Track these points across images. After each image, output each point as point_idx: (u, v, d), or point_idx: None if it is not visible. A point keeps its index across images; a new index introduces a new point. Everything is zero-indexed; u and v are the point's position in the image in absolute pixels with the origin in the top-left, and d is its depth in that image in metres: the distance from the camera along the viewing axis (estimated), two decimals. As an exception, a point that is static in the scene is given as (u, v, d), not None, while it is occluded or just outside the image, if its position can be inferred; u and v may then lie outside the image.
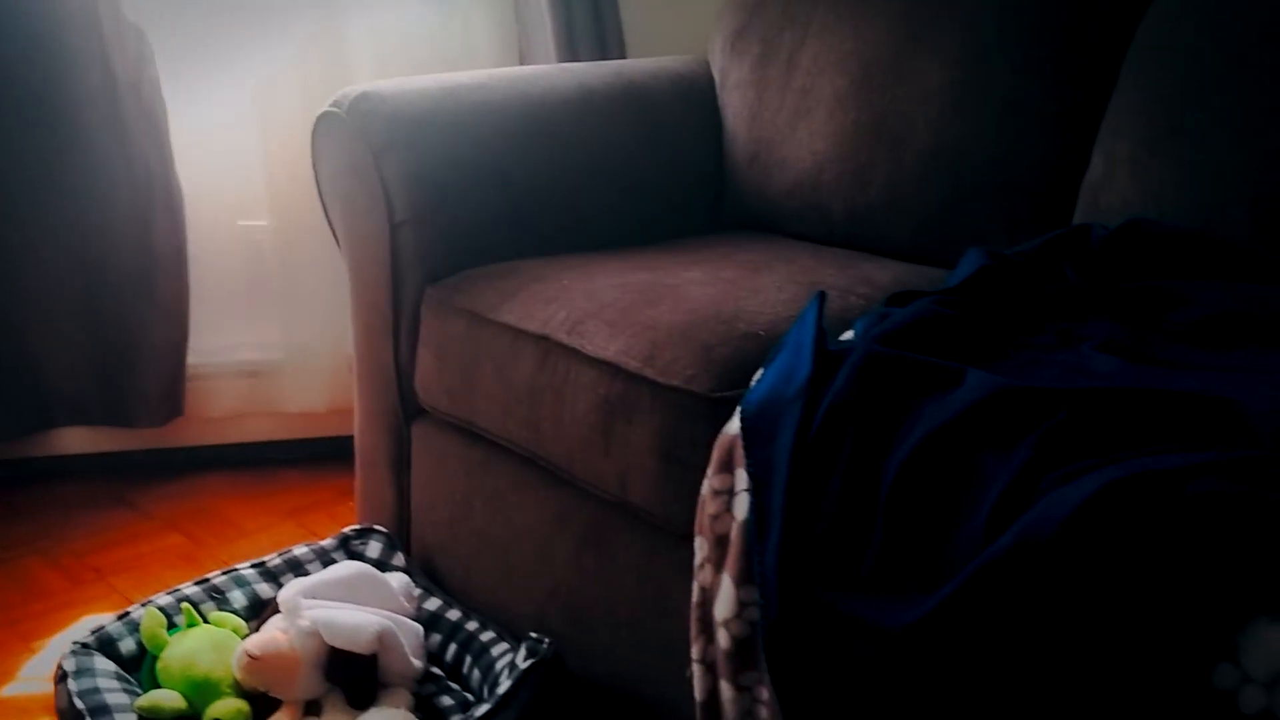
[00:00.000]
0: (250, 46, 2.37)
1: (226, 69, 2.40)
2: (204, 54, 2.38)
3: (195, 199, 2.41)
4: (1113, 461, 1.05)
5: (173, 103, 2.33)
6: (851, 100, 1.90)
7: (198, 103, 2.40)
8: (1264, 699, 0.92)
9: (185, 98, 2.38)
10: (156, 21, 2.29)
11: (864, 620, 1.13)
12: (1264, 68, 1.46)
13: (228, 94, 2.41)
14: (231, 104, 2.41)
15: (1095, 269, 1.50)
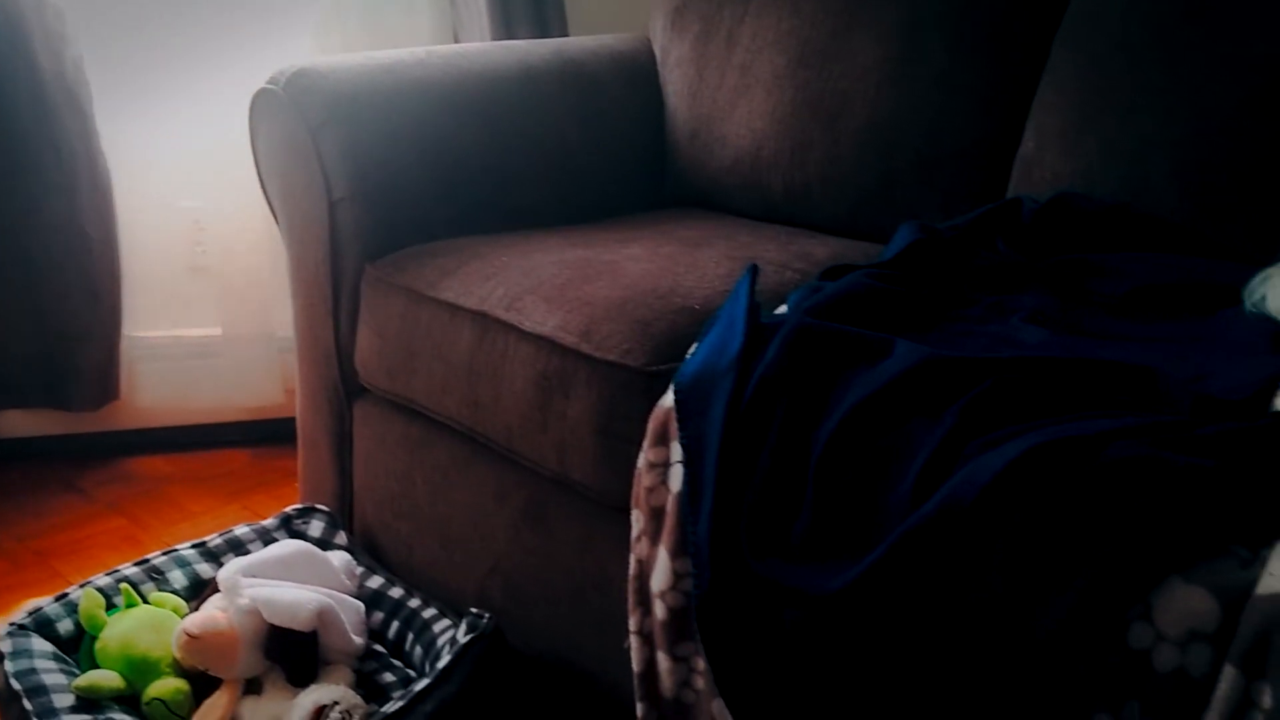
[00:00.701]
0: (183, 23, 2.35)
1: (158, 47, 2.37)
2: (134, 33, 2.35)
3: (129, 180, 2.38)
4: (1035, 428, 1.07)
5: (103, 83, 2.30)
6: (789, 78, 1.91)
7: (130, 83, 2.37)
8: (1177, 657, 0.94)
9: (115, 78, 2.34)
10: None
11: (793, 588, 1.14)
12: (1187, 44, 1.49)
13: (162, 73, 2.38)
14: (167, 83, 2.38)
15: (1026, 242, 1.52)
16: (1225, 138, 1.46)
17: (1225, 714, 0.92)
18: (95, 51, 2.29)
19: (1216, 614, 0.93)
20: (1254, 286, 1.32)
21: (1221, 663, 0.93)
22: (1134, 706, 0.96)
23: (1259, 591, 0.92)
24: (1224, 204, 1.46)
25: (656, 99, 2.15)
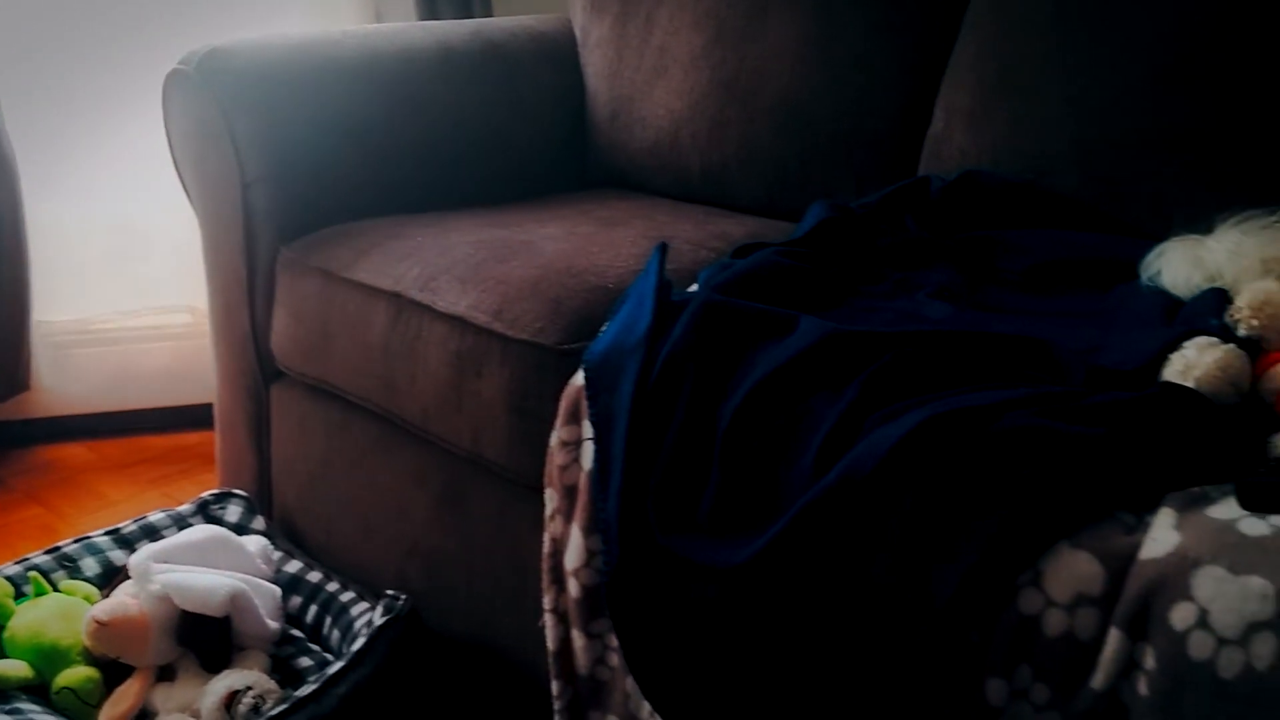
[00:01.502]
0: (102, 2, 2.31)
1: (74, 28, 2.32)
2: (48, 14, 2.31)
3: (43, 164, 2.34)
4: (932, 400, 1.09)
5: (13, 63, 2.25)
6: (706, 58, 1.92)
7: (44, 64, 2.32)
8: (1066, 621, 0.97)
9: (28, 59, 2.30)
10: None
11: (700, 562, 1.15)
12: (1089, 24, 1.51)
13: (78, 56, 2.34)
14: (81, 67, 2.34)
15: (934, 219, 1.54)
16: (1125, 115, 1.48)
17: (1111, 675, 0.95)
18: (5, 33, 2.24)
19: (1102, 578, 0.96)
20: (1150, 261, 1.35)
21: (1107, 625, 0.95)
22: (1025, 670, 0.98)
23: (1142, 556, 0.94)
24: (1124, 180, 1.48)
25: (577, 80, 2.14)
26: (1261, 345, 1.14)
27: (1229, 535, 0.92)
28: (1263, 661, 0.87)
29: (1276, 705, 0.86)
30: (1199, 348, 1.11)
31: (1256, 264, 1.28)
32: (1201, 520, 0.95)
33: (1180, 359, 1.11)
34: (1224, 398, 1.09)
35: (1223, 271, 1.28)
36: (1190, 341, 1.12)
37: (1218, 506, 0.96)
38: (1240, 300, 1.15)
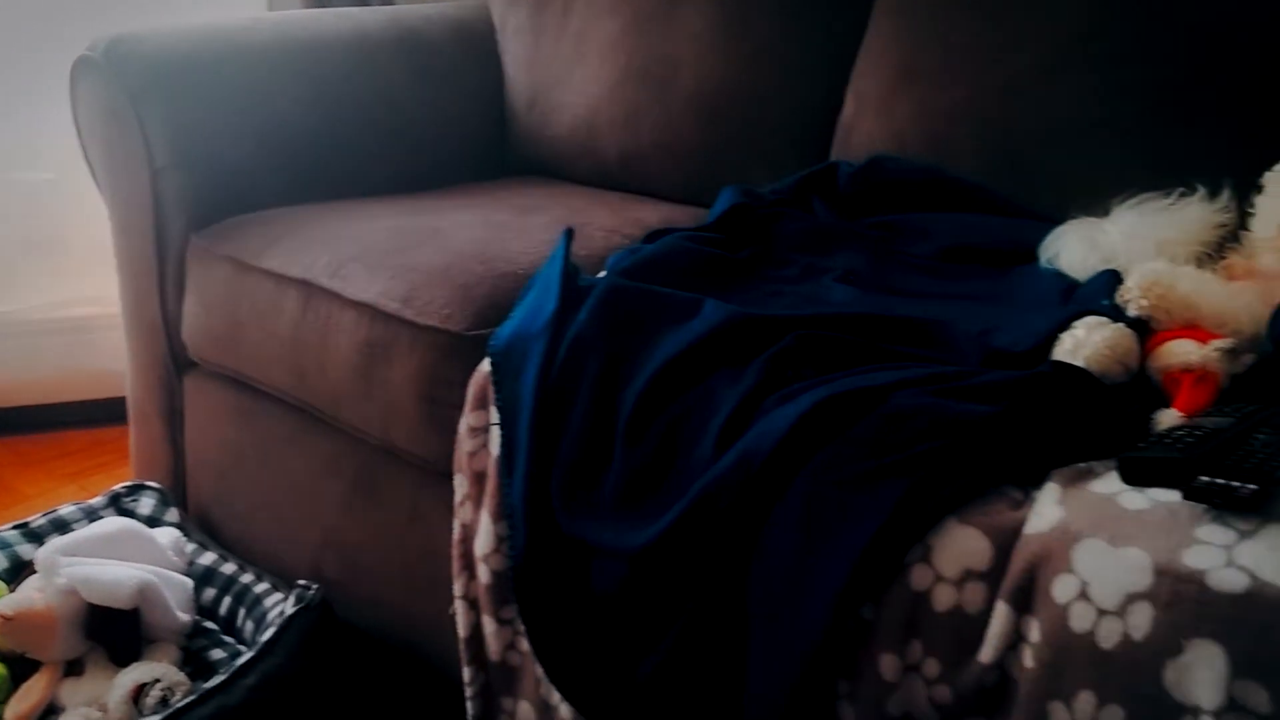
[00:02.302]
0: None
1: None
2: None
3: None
4: (827, 381, 1.10)
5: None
6: (622, 45, 1.92)
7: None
8: (954, 596, 0.98)
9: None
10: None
11: (603, 546, 1.16)
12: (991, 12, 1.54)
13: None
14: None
15: (842, 204, 1.55)
16: (1025, 101, 1.51)
17: (998, 648, 0.96)
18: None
19: (990, 553, 0.97)
20: (1049, 244, 1.37)
21: (994, 599, 0.97)
22: (916, 645, 1.00)
23: (1027, 531, 0.96)
24: (1026, 164, 1.51)
25: (496, 67, 2.14)
26: (1151, 325, 1.16)
27: (1109, 509, 0.94)
28: (1140, 631, 0.89)
29: (1153, 674, 0.88)
30: (1088, 327, 1.13)
31: (1151, 246, 1.30)
32: (1084, 495, 0.96)
33: (1070, 338, 1.13)
34: (1113, 376, 1.11)
35: (1118, 253, 1.31)
36: (1080, 321, 1.14)
37: (1101, 481, 0.98)
38: (1130, 281, 1.17)
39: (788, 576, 1.03)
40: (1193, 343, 1.11)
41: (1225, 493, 0.88)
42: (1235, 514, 0.89)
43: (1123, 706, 0.89)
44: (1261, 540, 0.87)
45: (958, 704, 0.98)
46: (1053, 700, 0.92)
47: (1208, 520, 0.90)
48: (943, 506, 0.99)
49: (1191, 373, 1.08)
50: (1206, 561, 0.87)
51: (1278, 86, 1.40)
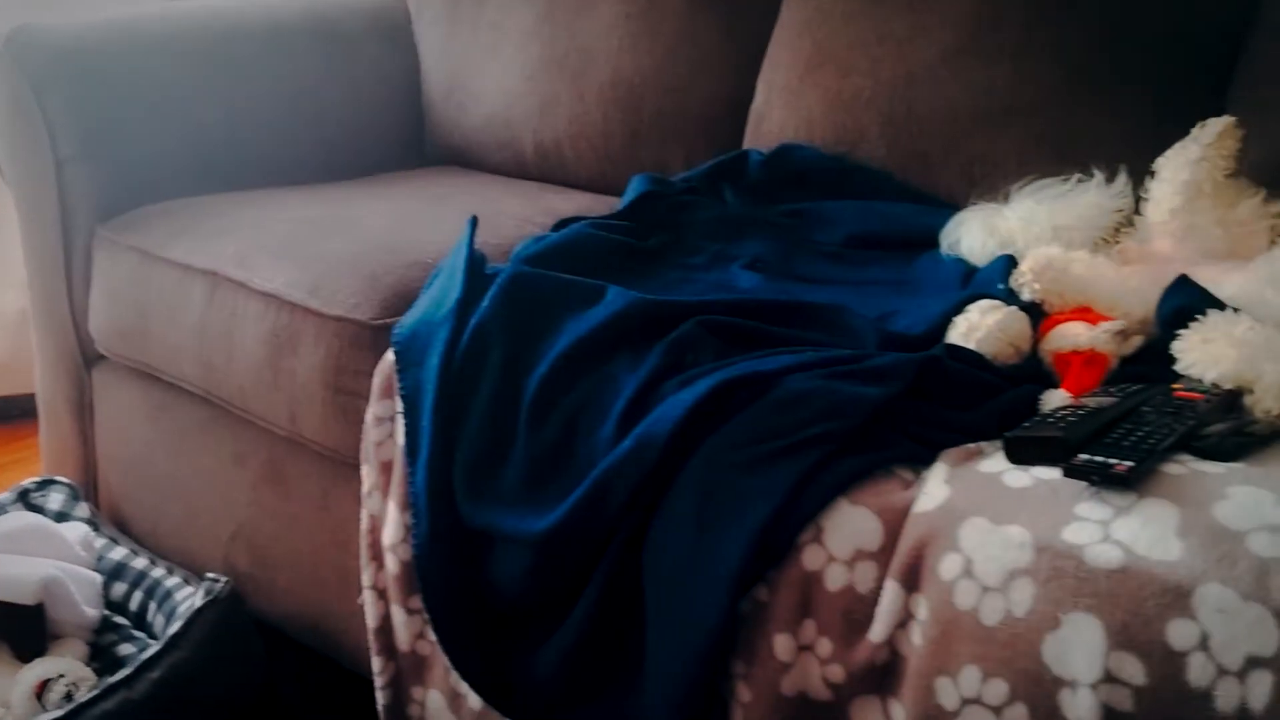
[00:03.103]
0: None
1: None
2: None
3: None
4: (724, 365, 1.11)
5: None
6: (537, 35, 1.92)
7: None
8: (845, 576, 0.99)
9: None
10: None
11: (505, 532, 1.16)
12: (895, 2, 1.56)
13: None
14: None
15: (752, 192, 1.57)
16: (928, 90, 1.53)
17: (889, 626, 0.98)
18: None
19: (880, 533, 0.99)
20: (950, 230, 1.39)
21: (884, 579, 0.98)
22: (810, 625, 1.01)
23: (916, 510, 0.98)
24: (931, 151, 1.53)
25: (412, 56, 2.12)
26: (1044, 308, 1.19)
27: (994, 488, 0.96)
28: (1021, 607, 0.90)
29: (1034, 648, 0.90)
30: (981, 311, 1.15)
31: (1048, 231, 1.33)
32: (970, 474, 0.98)
33: (964, 321, 1.15)
34: (1004, 358, 1.13)
35: (1015, 239, 1.33)
36: (974, 305, 1.16)
37: (988, 461, 1.00)
38: (1023, 265, 1.20)
39: (684, 560, 1.03)
40: (1083, 325, 1.14)
41: (1103, 470, 0.90)
42: (1113, 491, 0.91)
43: (1006, 681, 0.91)
44: (1137, 516, 0.89)
45: (850, 682, 1.00)
46: (940, 676, 0.94)
47: (1087, 497, 0.92)
48: (834, 488, 1.00)
49: (1081, 354, 1.11)
50: (1084, 537, 0.89)
51: (1173, 74, 1.43)
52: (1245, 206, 1.27)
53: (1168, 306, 1.14)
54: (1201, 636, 0.84)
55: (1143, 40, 1.43)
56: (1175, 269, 1.22)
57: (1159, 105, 1.41)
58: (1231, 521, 0.87)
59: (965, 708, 0.93)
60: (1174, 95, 1.41)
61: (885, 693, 0.99)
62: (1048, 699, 0.89)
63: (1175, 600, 0.85)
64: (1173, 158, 1.28)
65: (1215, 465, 0.94)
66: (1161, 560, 0.86)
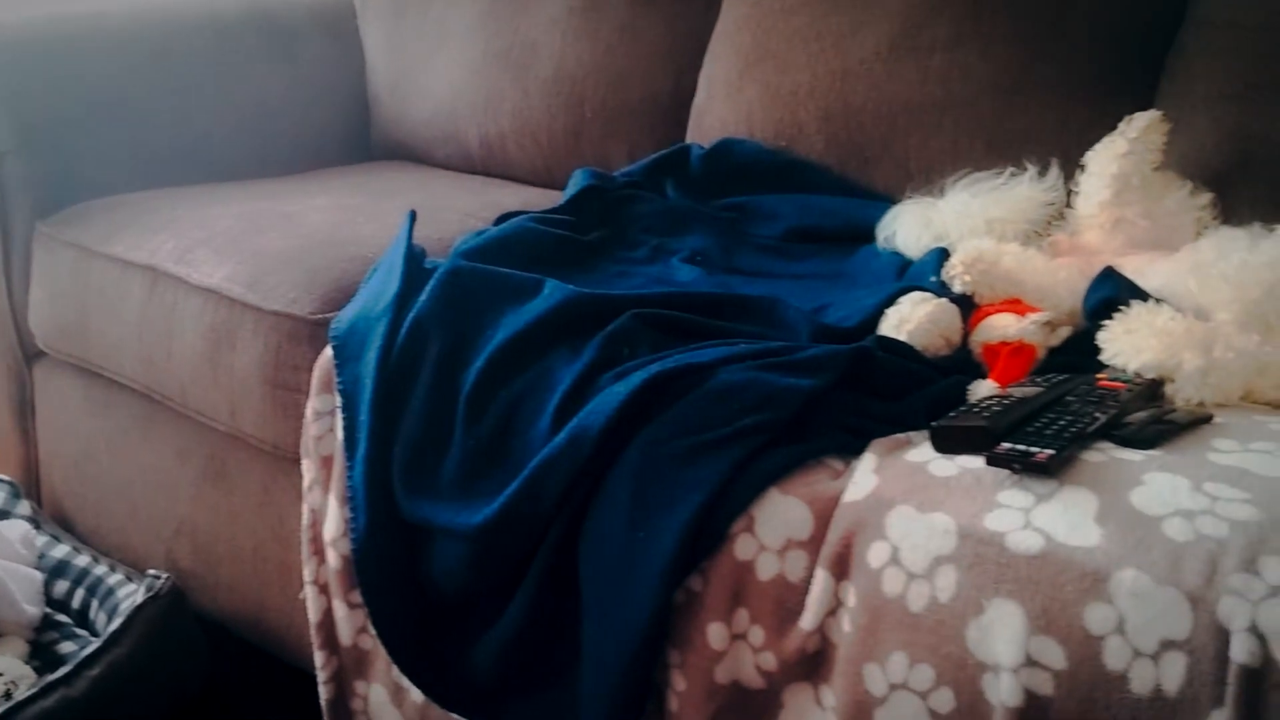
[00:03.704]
0: None
1: None
2: None
3: None
4: (659, 358, 1.12)
5: None
6: (480, 29, 1.92)
7: None
8: (777, 565, 1.01)
9: None
10: None
11: (442, 526, 1.16)
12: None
13: None
14: None
15: (693, 186, 1.58)
16: (865, 84, 1.54)
17: (819, 614, 0.99)
18: None
19: (810, 522, 1.00)
20: (886, 223, 1.41)
21: (814, 567, 0.99)
22: (743, 614, 1.02)
23: (845, 499, 0.99)
24: (868, 145, 1.55)
25: (357, 51, 2.12)
26: (975, 300, 1.20)
27: (920, 477, 0.97)
28: (946, 593, 0.92)
29: (958, 634, 0.91)
30: (912, 303, 1.16)
31: (981, 224, 1.35)
32: (898, 463, 1.00)
33: (895, 313, 1.16)
34: (935, 349, 1.15)
35: (949, 232, 1.35)
36: (905, 297, 1.18)
37: (916, 450, 1.01)
38: (954, 258, 1.21)
39: (618, 551, 1.04)
40: (1012, 317, 1.16)
41: (1024, 458, 0.92)
42: (1034, 478, 0.93)
43: (932, 666, 0.93)
44: (1057, 503, 0.91)
45: (782, 669, 1.01)
46: (869, 663, 0.95)
47: (1009, 485, 0.93)
48: (766, 478, 1.01)
49: (1008, 345, 1.12)
50: (1006, 524, 0.91)
51: (1104, 68, 1.45)
52: (1172, 199, 1.30)
53: (1093, 298, 1.16)
54: (1118, 620, 0.85)
55: (1074, 35, 1.46)
56: (1104, 261, 1.24)
57: (1090, 100, 1.43)
58: (1148, 507, 0.89)
59: (893, 693, 0.95)
60: (1105, 90, 1.43)
61: (817, 680, 1.01)
62: (971, 683, 0.91)
63: (1093, 585, 0.87)
64: (1101, 152, 1.31)
65: (1135, 453, 0.96)
66: (1080, 546, 0.88)
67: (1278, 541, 0.84)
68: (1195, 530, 0.86)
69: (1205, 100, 1.35)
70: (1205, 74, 1.36)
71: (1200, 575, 0.84)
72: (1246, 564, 0.83)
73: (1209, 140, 1.34)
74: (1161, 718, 0.84)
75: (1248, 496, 0.88)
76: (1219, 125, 1.33)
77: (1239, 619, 0.81)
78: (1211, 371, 1.05)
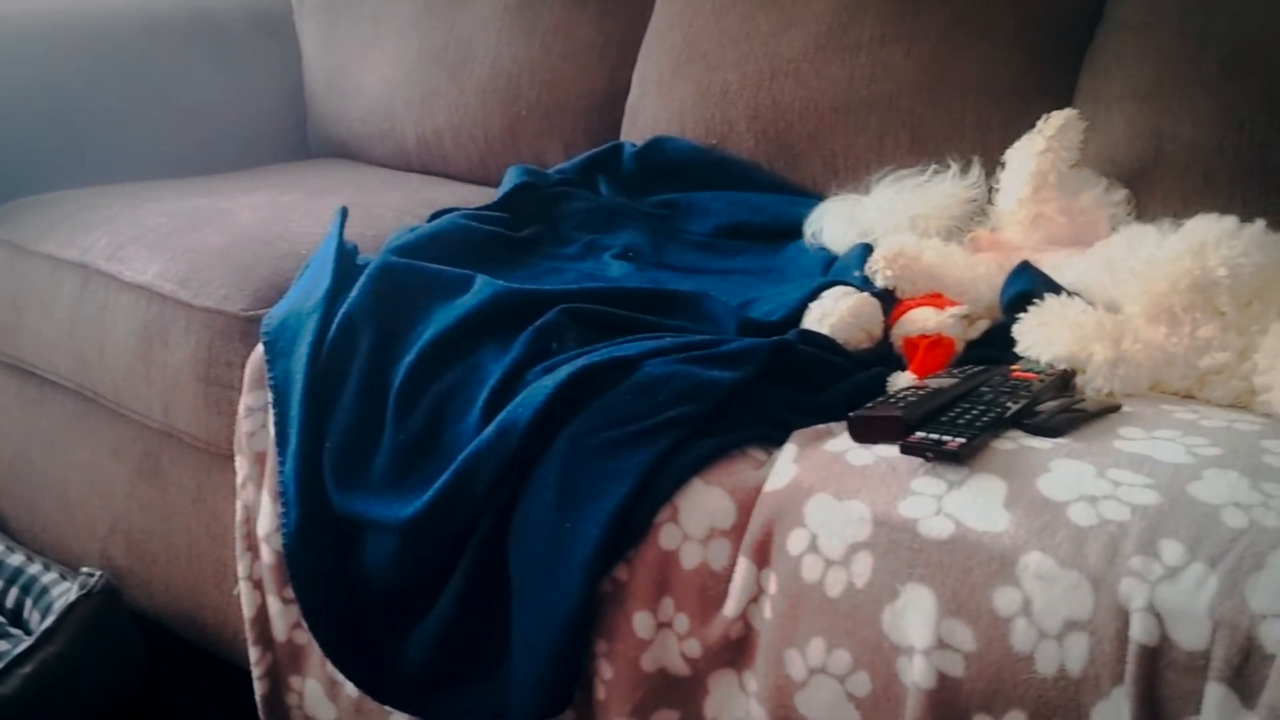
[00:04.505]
0: None
1: None
2: None
3: None
4: (586, 352, 1.14)
5: None
6: (416, 27, 1.93)
7: None
8: (701, 554, 1.03)
9: None
10: None
11: (373, 519, 1.17)
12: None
13: None
14: None
15: (625, 184, 1.60)
16: (791, 83, 1.57)
17: (741, 601, 1.01)
18: None
19: (733, 512, 1.02)
20: (813, 220, 1.44)
21: (737, 555, 1.02)
22: (668, 602, 1.04)
23: (766, 489, 1.01)
24: (793, 144, 1.58)
25: (294, 48, 2.12)
26: (896, 294, 1.23)
27: (838, 466, 1.00)
28: (861, 579, 0.95)
29: (873, 618, 0.94)
30: (835, 297, 1.19)
31: (904, 220, 1.38)
32: (818, 453, 1.02)
33: (818, 308, 1.19)
34: (856, 342, 1.18)
35: (874, 228, 1.38)
36: (828, 292, 1.20)
37: (835, 440, 1.04)
38: (877, 253, 1.24)
39: (546, 542, 1.06)
40: (931, 310, 1.18)
41: (936, 446, 0.94)
42: (946, 466, 0.96)
43: (849, 650, 0.95)
44: (967, 490, 0.94)
45: (707, 656, 1.03)
46: (789, 648, 0.98)
47: (923, 473, 0.96)
48: (689, 468, 1.03)
49: (927, 338, 1.15)
50: (919, 511, 0.94)
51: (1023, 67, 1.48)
52: (1088, 196, 1.33)
53: (1009, 292, 1.19)
54: (1024, 602, 0.88)
55: (995, 36, 1.49)
56: (1023, 256, 1.28)
57: (1011, 98, 1.47)
58: (1054, 493, 0.92)
59: (812, 677, 0.97)
60: (1025, 89, 1.47)
61: (740, 666, 1.03)
62: (887, 666, 0.94)
63: (1001, 569, 0.89)
64: (1020, 149, 1.34)
65: (1044, 441, 0.99)
66: (988, 531, 0.91)
67: (1176, 524, 0.87)
68: (1098, 514, 0.89)
69: (1120, 99, 1.39)
70: (1120, 73, 1.40)
71: (1102, 558, 0.87)
72: (1145, 546, 0.87)
73: (1123, 138, 1.37)
74: (1066, 696, 0.87)
75: (1150, 482, 0.92)
76: (1133, 123, 1.37)
77: (1138, 599, 0.85)
78: (1120, 363, 1.08)
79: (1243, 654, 0.81)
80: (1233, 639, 0.82)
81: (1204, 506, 0.88)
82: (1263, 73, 1.31)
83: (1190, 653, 0.83)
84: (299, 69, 2.12)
